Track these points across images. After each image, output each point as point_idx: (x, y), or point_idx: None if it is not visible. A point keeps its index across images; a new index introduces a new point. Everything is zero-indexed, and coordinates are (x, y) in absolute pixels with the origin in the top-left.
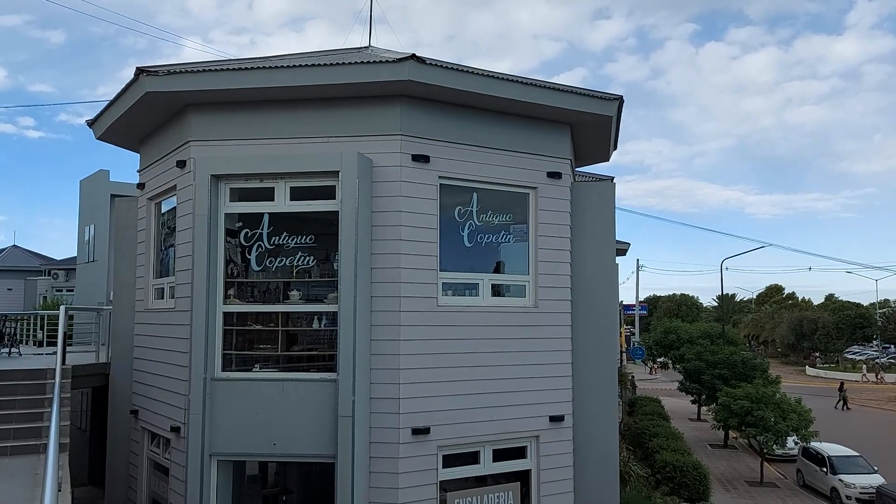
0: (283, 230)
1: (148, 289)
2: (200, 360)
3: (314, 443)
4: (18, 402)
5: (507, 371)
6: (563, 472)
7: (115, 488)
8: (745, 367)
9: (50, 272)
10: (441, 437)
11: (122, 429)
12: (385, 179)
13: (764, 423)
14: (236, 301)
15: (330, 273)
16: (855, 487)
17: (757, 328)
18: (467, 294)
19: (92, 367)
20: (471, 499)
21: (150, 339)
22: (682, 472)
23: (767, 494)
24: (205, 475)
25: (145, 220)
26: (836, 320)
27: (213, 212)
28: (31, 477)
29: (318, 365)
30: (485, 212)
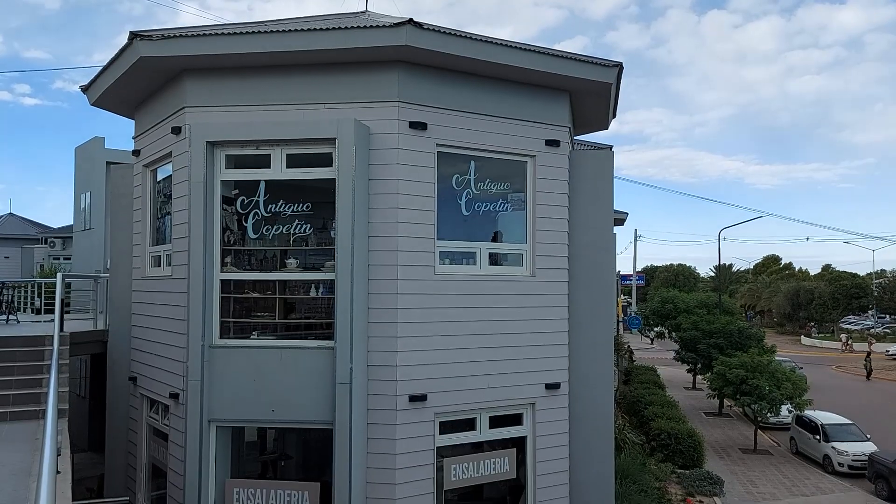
0: (280, 198)
1: (145, 256)
2: (198, 327)
3: (312, 409)
4: (17, 368)
5: (504, 339)
6: (559, 438)
7: (115, 454)
8: (740, 337)
9: (47, 240)
10: (438, 404)
11: (120, 395)
12: (382, 147)
13: (758, 392)
14: (233, 269)
15: (327, 241)
16: (847, 454)
17: (753, 298)
18: (465, 263)
19: (90, 334)
20: (467, 465)
21: (148, 307)
22: (677, 440)
23: (761, 461)
24: (204, 441)
25: (141, 187)
26: (833, 290)
27: (208, 179)
28: (30, 442)
29: (316, 333)
30: (482, 180)
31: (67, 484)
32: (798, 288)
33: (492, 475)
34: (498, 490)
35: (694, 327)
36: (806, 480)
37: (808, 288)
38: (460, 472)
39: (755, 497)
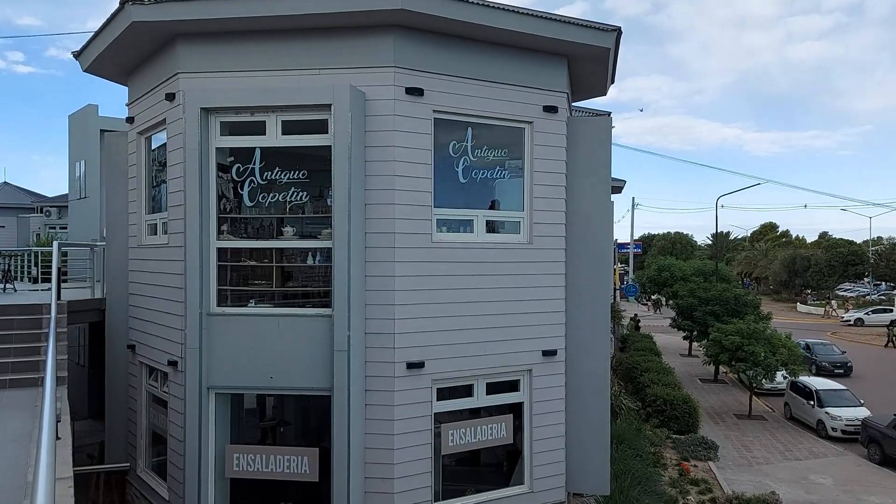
0: (276, 165)
1: (141, 225)
2: (195, 295)
3: (311, 376)
4: (15, 336)
5: (501, 307)
6: (556, 404)
7: (115, 421)
8: (737, 304)
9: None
10: (435, 371)
11: (119, 363)
12: (378, 113)
13: (754, 358)
14: (230, 237)
15: (323, 209)
16: (841, 419)
17: (750, 266)
18: (462, 230)
19: (87, 302)
20: (465, 430)
21: (145, 275)
22: (673, 406)
23: (755, 426)
24: (203, 408)
25: (136, 154)
26: (829, 258)
27: (203, 146)
28: (30, 409)
29: (314, 301)
30: (480, 147)
31: (68, 450)
32: (795, 255)
33: (489, 440)
34: (495, 455)
35: (690, 295)
36: (799, 445)
37: (805, 255)
38: (458, 438)
39: (749, 462)
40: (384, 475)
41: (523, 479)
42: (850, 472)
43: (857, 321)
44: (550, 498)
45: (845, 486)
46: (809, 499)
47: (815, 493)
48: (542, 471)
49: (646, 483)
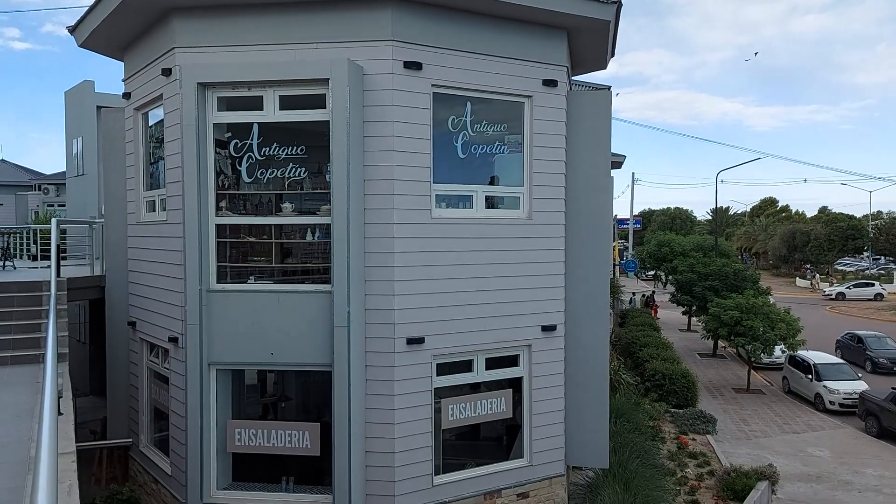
0: (274, 141)
1: (139, 201)
2: (195, 271)
3: (311, 352)
4: (16, 313)
5: (501, 282)
6: (555, 379)
7: (117, 398)
8: (736, 279)
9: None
10: (435, 346)
11: (120, 340)
12: (376, 88)
13: (753, 333)
14: (228, 213)
15: (322, 185)
16: (838, 393)
17: (750, 241)
18: (461, 206)
19: (87, 279)
20: (464, 405)
21: (144, 252)
22: (671, 380)
23: (753, 400)
24: (204, 383)
25: (133, 131)
26: (829, 232)
27: (201, 121)
28: (32, 385)
29: (313, 277)
30: (479, 122)
31: (70, 425)
32: (794, 230)
33: (488, 415)
34: (495, 430)
35: (690, 270)
36: (797, 418)
37: (804, 230)
38: (457, 413)
39: (747, 435)
40: (385, 449)
41: (523, 452)
42: (848, 445)
43: (838, 295)
44: (550, 471)
45: (842, 458)
46: (807, 471)
47: (813, 466)
48: (541, 444)
49: (644, 456)
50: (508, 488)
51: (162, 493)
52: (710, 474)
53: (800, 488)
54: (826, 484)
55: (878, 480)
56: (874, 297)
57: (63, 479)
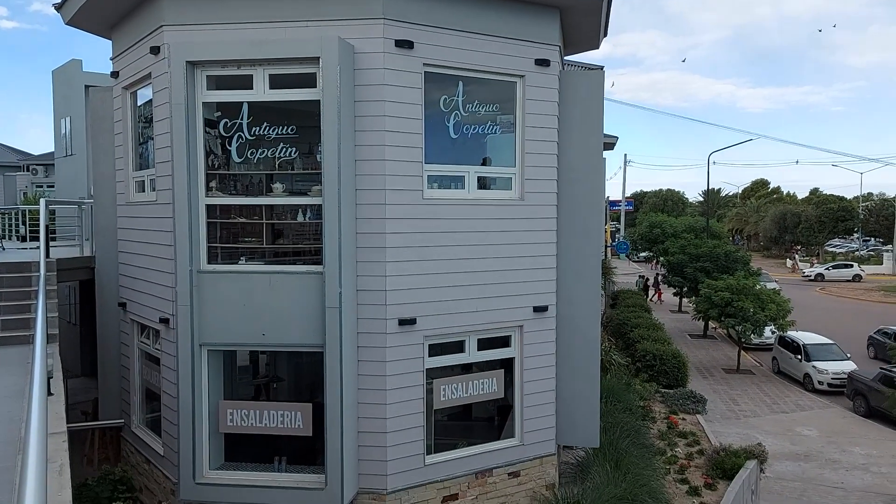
0: (264, 120)
1: (128, 181)
2: (185, 252)
3: (303, 333)
4: (5, 294)
5: (493, 263)
6: (546, 359)
7: (108, 379)
8: (727, 261)
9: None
10: (427, 327)
11: (111, 321)
12: (367, 67)
13: (743, 314)
14: (219, 193)
15: (313, 165)
16: (827, 373)
17: (741, 222)
18: (453, 187)
19: (76, 260)
20: (456, 385)
21: (134, 233)
22: (662, 361)
23: (743, 380)
24: (196, 364)
25: (121, 110)
26: (819, 214)
27: (190, 100)
28: (23, 366)
29: (305, 258)
30: (471, 102)
31: (61, 405)
32: (785, 212)
33: (480, 395)
34: (486, 410)
35: (681, 251)
36: (786, 398)
37: (795, 211)
38: (449, 393)
39: (737, 414)
40: (377, 429)
41: (514, 432)
42: (836, 424)
43: (817, 276)
44: (541, 451)
45: (830, 437)
46: (795, 450)
47: (801, 445)
48: (532, 424)
49: (635, 435)
50: (500, 467)
51: (154, 474)
52: (700, 453)
53: (788, 467)
54: (814, 462)
55: (866, 459)
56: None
57: (54, 458)
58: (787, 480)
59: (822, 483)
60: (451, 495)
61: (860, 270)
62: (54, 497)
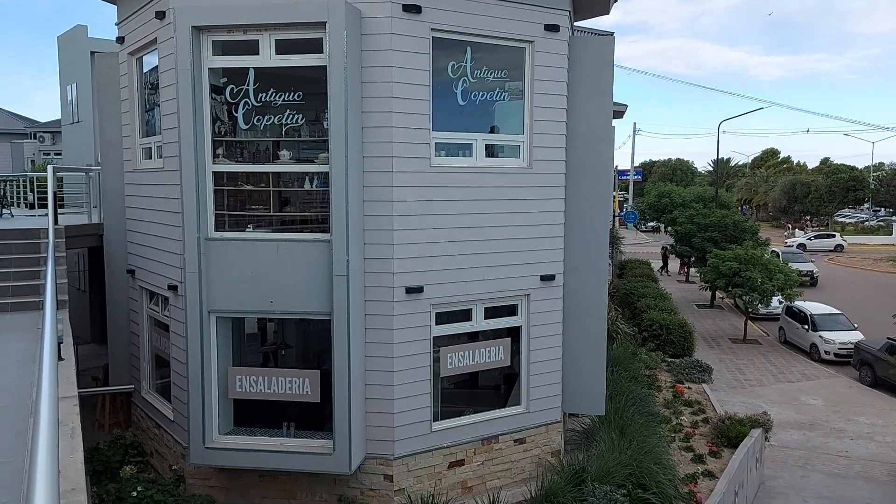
0: (270, 87)
1: (135, 148)
2: (193, 220)
3: (310, 301)
4: (14, 261)
5: (500, 232)
6: (553, 328)
7: (118, 345)
8: (735, 230)
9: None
10: (434, 295)
11: (120, 288)
12: (374, 32)
13: (751, 284)
14: (225, 160)
15: (320, 132)
16: (834, 343)
17: (750, 192)
18: (461, 155)
19: (85, 227)
20: (463, 353)
21: (142, 200)
22: (668, 330)
23: (749, 350)
24: (204, 331)
25: (127, 76)
26: (829, 184)
27: (196, 66)
28: (33, 331)
29: (312, 226)
30: (479, 68)
31: (72, 370)
32: (795, 181)
33: (486, 363)
34: (493, 378)
35: (689, 221)
36: (792, 368)
37: (805, 181)
38: (456, 361)
39: (742, 384)
40: (384, 396)
41: (520, 399)
42: (842, 394)
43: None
44: (546, 418)
45: (836, 407)
46: (800, 419)
47: (806, 414)
48: (538, 392)
49: (640, 404)
50: (506, 434)
51: (165, 438)
52: (705, 422)
53: (792, 435)
54: (819, 431)
55: (871, 428)
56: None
57: (66, 421)
58: (791, 449)
59: (826, 451)
60: (457, 461)
61: (842, 240)
62: (66, 459)
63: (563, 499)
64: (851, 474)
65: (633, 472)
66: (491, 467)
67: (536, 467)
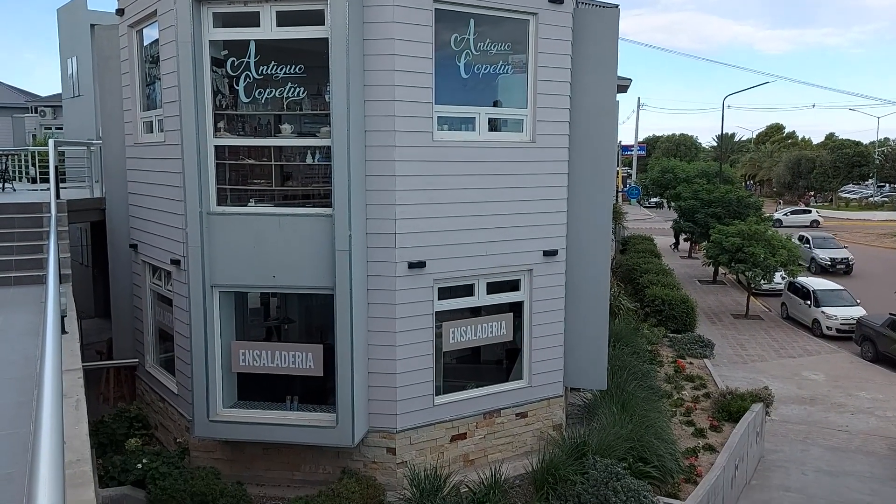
0: (272, 59)
1: (136, 122)
2: (195, 194)
3: (313, 276)
4: (17, 234)
5: (503, 206)
6: (555, 303)
7: (121, 320)
8: (739, 206)
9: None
10: (437, 270)
11: (123, 263)
12: (376, 3)
13: (754, 259)
14: (227, 134)
15: (322, 106)
16: (836, 319)
17: (754, 168)
18: (464, 128)
19: (87, 202)
20: (465, 328)
21: (143, 174)
22: (671, 306)
23: (751, 325)
24: (207, 305)
25: (127, 49)
26: (834, 159)
27: (196, 38)
28: (36, 304)
29: (314, 200)
30: (482, 41)
31: (76, 343)
32: (799, 157)
33: (489, 338)
34: (495, 352)
35: (693, 196)
36: (794, 343)
37: (810, 157)
38: (458, 336)
39: (744, 359)
40: (387, 370)
41: (522, 374)
42: (843, 369)
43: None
44: (548, 392)
45: (837, 382)
46: (801, 394)
47: (807, 389)
48: (540, 367)
49: (642, 378)
50: (507, 408)
51: (169, 411)
52: (706, 396)
53: (793, 410)
54: (819, 406)
55: (871, 403)
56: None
57: (70, 394)
58: (792, 423)
59: (826, 426)
60: (459, 434)
61: (818, 216)
62: (71, 430)
63: (565, 472)
64: (851, 448)
65: (633, 446)
66: (493, 441)
67: (538, 441)
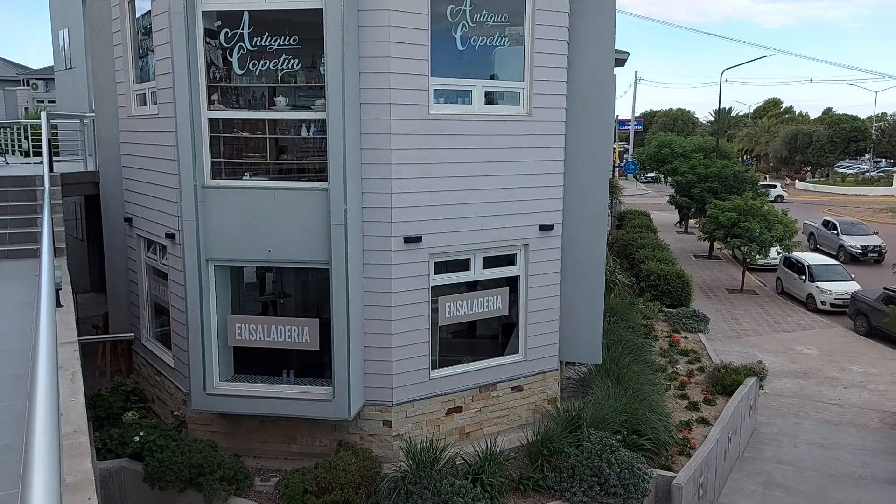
0: (266, 31)
1: (129, 95)
2: (189, 167)
3: (308, 250)
4: (10, 208)
5: (499, 180)
6: (551, 278)
7: (117, 294)
8: (735, 181)
9: (29, 82)
10: (433, 245)
11: (117, 237)
12: None
13: (749, 234)
14: (221, 107)
15: (316, 79)
16: (830, 293)
17: (751, 142)
18: (460, 102)
19: (80, 175)
20: (461, 303)
21: (137, 147)
22: (666, 281)
23: (746, 300)
24: (203, 279)
25: (119, 20)
26: (831, 134)
27: (189, 9)
28: (31, 278)
29: (310, 174)
30: (478, 12)
31: (71, 317)
32: (796, 132)
33: (485, 313)
34: (491, 327)
35: (690, 171)
36: (789, 318)
37: (807, 131)
38: (454, 310)
39: (738, 333)
40: (383, 344)
41: (518, 348)
42: (837, 344)
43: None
44: (544, 366)
45: (830, 356)
46: (795, 368)
47: (801, 363)
48: (536, 341)
49: (637, 353)
50: (503, 382)
51: (166, 385)
52: (701, 370)
53: (787, 384)
54: (813, 380)
55: (864, 377)
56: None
57: (66, 366)
58: (785, 397)
59: (819, 400)
60: (455, 408)
61: (782, 191)
62: (67, 402)
63: (559, 444)
64: (843, 421)
65: (628, 419)
66: (488, 414)
67: (533, 414)
